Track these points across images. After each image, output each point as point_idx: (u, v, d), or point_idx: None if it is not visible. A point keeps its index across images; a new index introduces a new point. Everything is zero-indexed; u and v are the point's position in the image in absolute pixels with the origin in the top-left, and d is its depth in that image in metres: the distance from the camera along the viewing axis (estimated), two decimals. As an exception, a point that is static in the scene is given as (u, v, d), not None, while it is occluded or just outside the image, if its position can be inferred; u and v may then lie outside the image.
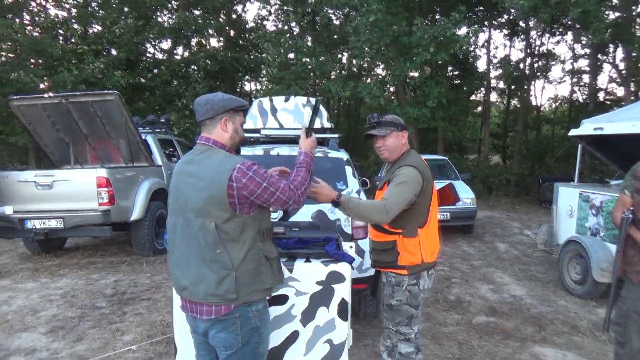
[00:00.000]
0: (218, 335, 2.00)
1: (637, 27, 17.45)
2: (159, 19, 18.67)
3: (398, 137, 2.52)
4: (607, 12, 14.52)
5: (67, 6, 16.66)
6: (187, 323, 2.17)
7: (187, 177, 2.00)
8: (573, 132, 6.08)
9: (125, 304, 4.81)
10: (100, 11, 16.41)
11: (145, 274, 5.99)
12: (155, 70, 17.08)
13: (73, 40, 14.80)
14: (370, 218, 2.37)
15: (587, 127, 5.83)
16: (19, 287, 5.46)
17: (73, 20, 15.68)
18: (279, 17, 18.01)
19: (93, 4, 16.73)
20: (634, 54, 14.05)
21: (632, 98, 16.16)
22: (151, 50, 19.19)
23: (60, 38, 15.28)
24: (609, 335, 3.83)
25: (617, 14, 14.55)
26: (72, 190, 6.16)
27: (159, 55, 19.32)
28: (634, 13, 15.94)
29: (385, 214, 2.28)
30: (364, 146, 20.34)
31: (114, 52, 15.41)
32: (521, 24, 17.94)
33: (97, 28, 16.15)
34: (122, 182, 6.51)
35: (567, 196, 5.78)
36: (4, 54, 14.45)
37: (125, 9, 16.67)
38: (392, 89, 18.27)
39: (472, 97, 21.53)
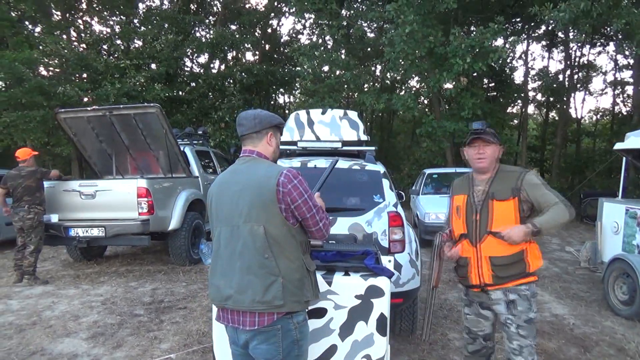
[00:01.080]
0: (259, 347, 2.01)
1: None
2: (197, 34, 19.20)
3: (497, 150, 2.56)
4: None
5: (111, 23, 17.37)
6: (227, 334, 2.17)
7: (233, 185, 2.05)
8: (618, 145, 5.87)
9: (163, 312, 4.90)
10: (142, 27, 17.02)
11: (181, 283, 6.08)
12: (193, 84, 17.54)
13: (116, 55, 15.39)
14: (565, 222, 2.43)
15: (633, 140, 5.62)
16: (61, 293, 5.64)
17: (116, 36, 16.32)
18: (314, 30, 18.24)
19: (135, 21, 17.39)
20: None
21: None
22: (189, 64, 19.75)
23: (104, 53, 15.91)
24: None
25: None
26: (114, 200, 6.36)
27: (197, 69, 19.85)
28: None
29: (570, 208, 2.42)
30: (396, 159, 20.25)
31: (154, 66, 15.95)
32: (560, 34, 17.58)
33: (139, 43, 16.76)
34: (161, 193, 6.67)
35: (613, 212, 5.56)
36: (51, 68, 15.11)
37: (166, 25, 17.22)
38: (426, 101, 18.16)
39: (509, 110, 21.15)
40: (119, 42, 16.39)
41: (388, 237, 3.75)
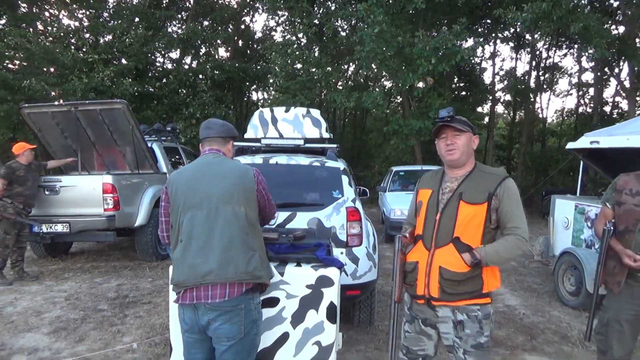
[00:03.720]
0: (222, 327, 2.17)
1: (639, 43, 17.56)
2: (169, 29, 19.01)
3: (470, 140, 2.23)
4: (612, 27, 14.68)
5: (80, 16, 17.04)
6: (185, 321, 2.26)
7: (209, 173, 2.30)
8: (570, 145, 6.16)
9: (127, 307, 4.94)
10: (111, 21, 16.75)
11: (147, 279, 6.11)
12: (164, 80, 17.36)
13: (84, 50, 15.12)
14: (514, 258, 2.29)
15: (584, 140, 5.91)
16: (24, 290, 5.60)
17: (85, 30, 16.03)
18: (287, 27, 18.28)
19: (104, 15, 17.10)
20: (637, 69, 14.10)
21: (638, 112, 16.22)
22: (160, 59, 19.53)
23: (72, 47, 15.61)
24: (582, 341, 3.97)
25: (622, 28, 14.67)
26: (79, 195, 6.33)
27: (168, 65, 19.65)
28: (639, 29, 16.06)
29: (526, 244, 2.17)
30: (368, 157, 20.49)
31: (123, 61, 15.73)
32: (527, 37, 18.09)
33: (108, 38, 16.49)
34: (127, 189, 6.67)
35: (564, 208, 5.85)
36: (17, 62, 14.76)
37: (136, 20, 17.00)
38: (399, 100, 18.44)
39: (479, 109, 21.65)
40: (87, 35, 16.10)
41: (346, 231, 3.89)
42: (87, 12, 17.16)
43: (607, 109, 20.21)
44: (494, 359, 3.77)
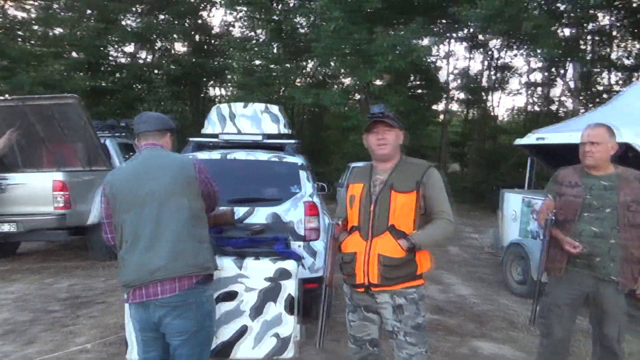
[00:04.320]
0: (173, 322, 2.15)
1: (585, 44, 18.50)
2: (123, 22, 18.45)
3: (399, 136, 2.38)
4: (560, 29, 15.40)
5: (28, 7, 16.26)
6: (137, 319, 2.24)
7: (150, 168, 2.26)
8: (519, 141, 6.46)
9: (79, 308, 4.80)
10: (62, 13, 16.09)
11: (100, 279, 5.96)
12: (118, 74, 16.85)
13: (32, 42, 14.47)
14: (445, 240, 2.40)
15: (531, 137, 6.21)
16: (-31, 292, 5.35)
17: (34, 22, 15.33)
18: (246, 23, 18.14)
19: (55, 6, 16.40)
20: (581, 70, 14.87)
21: (583, 110, 17.11)
22: (114, 53, 18.93)
23: (19, 39, 14.90)
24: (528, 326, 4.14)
25: (568, 30, 15.42)
26: (28, 193, 6.09)
27: (122, 59, 19.07)
28: (586, 30, 16.94)
29: (453, 225, 2.34)
30: (327, 153, 20.60)
31: (75, 54, 15.16)
32: (480, 37, 18.72)
33: (58, 30, 15.84)
34: (79, 186, 6.46)
35: (512, 201, 6.13)
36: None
37: (88, 12, 16.40)
38: (357, 97, 18.66)
39: (435, 107, 22.22)
40: (36, 27, 15.41)
41: (304, 226, 3.95)
42: (37, 3, 16.40)
43: (555, 107, 21.21)
44: (445, 346, 3.93)
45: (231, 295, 2.67)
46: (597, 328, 2.85)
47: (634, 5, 16.01)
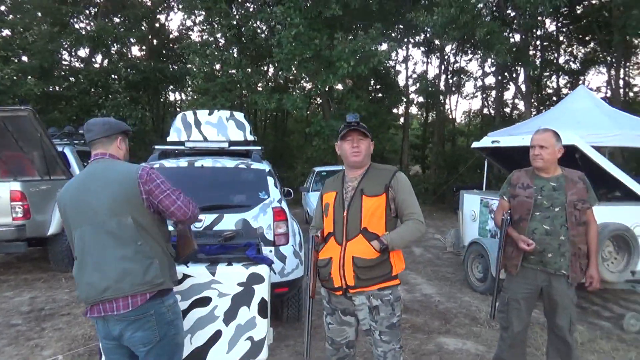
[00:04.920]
0: (135, 335, 2.13)
1: (534, 50, 19.40)
2: (76, 26, 17.94)
3: (370, 145, 2.53)
4: (510, 35, 16.09)
5: (-27, 9, 15.60)
6: (99, 330, 2.23)
7: (93, 185, 2.17)
8: (475, 144, 6.74)
9: (44, 320, 4.68)
10: (10, 16, 15.48)
11: (63, 290, 5.81)
12: (72, 79, 16.35)
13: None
14: (415, 239, 2.52)
15: (487, 140, 6.50)
16: None
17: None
18: (205, 28, 17.97)
19: (2, 8, 15.77)
20: (531, 74, 15.57)
21: (534, 112, 17.91)
22: (67, 57, 18.38)
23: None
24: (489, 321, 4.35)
25: (518, 36, 16.11)
26: (-17, 205, 5.87)
27: (76, 64, 18.53)
28: (535, 36, 17.74)
29: (423, 225, 2.47)
30: (291, 158, 20.69)
31: (25, 58, 14.62)
32: (437, 42, 19.27)
33: (7, 33, 15.23)
34: (38, 196, 6.29)
35: (471, 202, 6.40)
36: None
37: (39, 15, 15.85)
38: (319, 101, 18.83)
39: (395, 110, 22.69)
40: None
41: (273, 231, 4.02)
42: (-18, 5, 15.75)
43: (508, 110, 22.09)
44: (413, 344, 4.09)
45: (205, 301, 2.71)
46: (550, 319, 3.05)
47: (579, 12, 16.96)
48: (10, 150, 6.67)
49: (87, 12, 18.96)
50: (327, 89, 12.90)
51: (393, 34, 18.14)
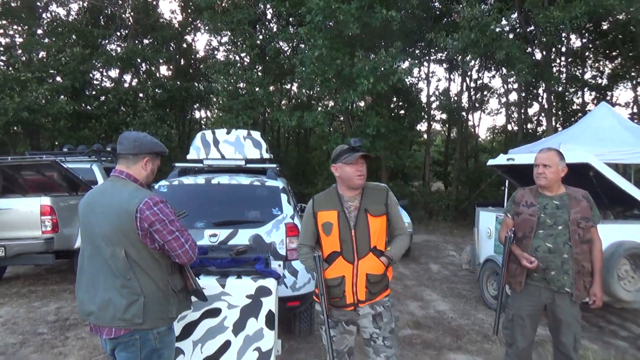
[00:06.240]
0: (120, 354, 2.18)
1: (559, 66, 19.21)
2: (107, 47, 18.67)
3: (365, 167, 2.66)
4: (533, 50, 16.02)
5: (11, 33, 16.42)
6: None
7: (99, 207, 2.17)
8: (491, 162, 6.76)
9: (68, 330, 4.91)
10: (46, 39, 16.26)
11: (88, 301, 6.04)
12: (102, 98, 16.99)
13: (16, 67, 14.58)
14: (406, 249, 2.78)
15: (502, 157, 6.52)
16: (-45, 318, 5.41)
17: (17, 47, 15.48)
18: (229, 48, 18.45)
19: (39, 32, 16.57)
20: (552, 90, 15.44)
21: (560, 128, 17.68)
22: (98, 77, 19.10)
23: (2, 65, 15.01)
24: (500, 337, 4.31)
25: (540, 54, 16.04)
26: (15, 218, 6.19)
27: (106, 83, 19.24)
28: (557, 53, 17.60)
29: (409, 237, 2.84)
30: (312, 174, 20.86)
31: (58, 79, 15.28)
32: (459, 58, 19.30)
33: (42, 55, 15.98)
34: (66, 210, 6.59)
35: (487, 219, 6.40)
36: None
37: (74, 37, 16.59)
38: (341, 118, 19.01)
39: (418, 127, 22.69)
40: (20, 52, 15.54)
41: (285, 246, 4.15)
42: (19, 29, 16.56)
43: (532, 126, 21.82)
44: (423, 359, 4.12)
45: (215, 312, 2.84)
46: (555, 337, 3.08)
47: (604, 28, 16.79)
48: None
49: (118, 34, 19.72)
50: (347, 107, 13.05)
51: (415, 52, 18.27)
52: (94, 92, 17.51)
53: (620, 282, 4.69)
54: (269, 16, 17.52)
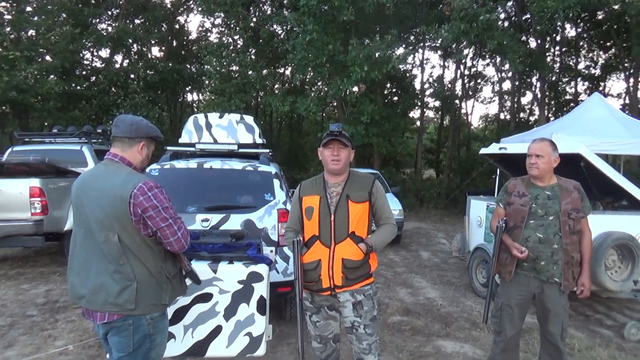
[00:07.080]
0: (113, 338, 2.17)
1: (553, 54, 19.21)
2: (98, 27, 18.34)
3: (350, 154, 2.68)
4: (528, 39, 15.99)
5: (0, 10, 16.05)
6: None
7: (92, 191, 2.14)
8: (483, 150, 6.78)
9: (57, 312, 4.89)
10: (35, 17, 15.92)
11: (78, 284, 6.02)
12: (93, 78, 16.74)
13: (5, 45, 14.28)
14: (390, 240, 2.75)
15: (494, 146, 6.54)
16: (-57, 299, 5.37)
17: (6, 25, 15.14)
18: (222, 29, 18.21)
19: (27, 9, 16.22)
20: (546, 80, 15.46)
21: (552, 118, 17.76)
22: (88, 57, 18.81)
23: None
24: (488, 325, 4.40)
25: (534, 43, 16.01)
26: (3, 200, 6.12)
27: (97, 63, 18.95)
28: (552, 42, 17.58)
29: (395, 227, 2.73)
30: (305, 159, 20.83)
31: (48, 58, 15.01)
32: (453, 46, 19.22)
33: (31, 33, 15.66)
34: (55, 192, 6.52)
35: (477, 208, 6.44)
36: None
37: (63, 16, 16.26)
38: (335, 104, 18.93)
39: (411, 114, 22.67)
40: (8, 30, 15.21)
41: (277, 232, 4.15)
42: (8, 6, 16.19)
43: (525, 115, 21.89)
44: (412, 345, 4.17)
45: (206, 297, 2.84)
46: (543, 326, 3.12)
47: (599, 18, 16.77)
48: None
49: (109, 13, 19.37)
50: (341, 94, 12.98)
51: (410, 38, 18.17)
52: (84, 73, 17.29)
53: (607, 271, 4.76)
54: (263, -2, 17.31)
